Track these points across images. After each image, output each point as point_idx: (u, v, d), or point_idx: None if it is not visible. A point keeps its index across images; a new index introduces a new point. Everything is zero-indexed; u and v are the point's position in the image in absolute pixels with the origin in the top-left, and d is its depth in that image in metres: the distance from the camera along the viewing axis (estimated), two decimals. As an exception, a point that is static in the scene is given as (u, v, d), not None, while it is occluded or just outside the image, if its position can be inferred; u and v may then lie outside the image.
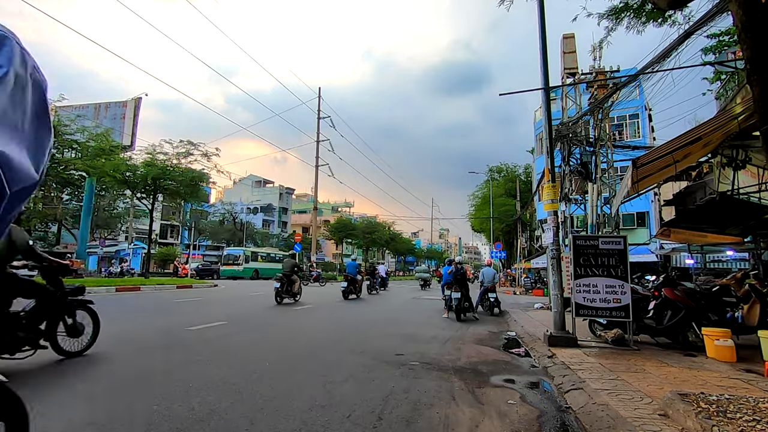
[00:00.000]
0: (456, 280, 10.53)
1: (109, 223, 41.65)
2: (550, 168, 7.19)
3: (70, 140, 20.92)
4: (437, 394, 3.87)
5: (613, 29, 7.09)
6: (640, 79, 11.29)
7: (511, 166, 49.81)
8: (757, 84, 3.43)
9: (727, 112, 6.29)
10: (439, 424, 3.12)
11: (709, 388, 4.03)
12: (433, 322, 9.63)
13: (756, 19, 3.42)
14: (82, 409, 3.11)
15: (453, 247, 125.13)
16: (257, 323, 8.38)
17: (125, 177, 22.98)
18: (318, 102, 30.66)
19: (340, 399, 3.58)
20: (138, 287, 16.52)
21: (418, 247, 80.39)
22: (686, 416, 3.00)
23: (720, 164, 7.93)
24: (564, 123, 13.47)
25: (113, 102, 29.79)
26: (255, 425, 2.93)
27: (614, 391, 3.92)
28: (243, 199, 63.04)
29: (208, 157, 24.15)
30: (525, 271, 31.12)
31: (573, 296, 6.50)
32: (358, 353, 5.66)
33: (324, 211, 70.23)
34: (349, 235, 52.68)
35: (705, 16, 6.62)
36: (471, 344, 6.93)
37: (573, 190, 14.25)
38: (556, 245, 6.91)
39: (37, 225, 35.98)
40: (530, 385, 4.47)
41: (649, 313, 6.70)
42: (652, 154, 6.00)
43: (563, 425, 3.27)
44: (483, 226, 48.44)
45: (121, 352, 5.08)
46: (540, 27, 7.34)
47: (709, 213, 7.76)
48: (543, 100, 7.54)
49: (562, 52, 15.48)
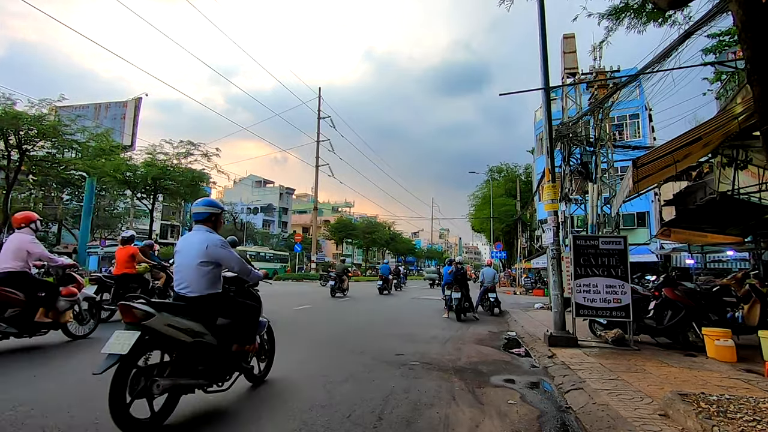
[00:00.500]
0: (456, 280, 10.53)
1: (109, 223, 41.65)
2: (550, 168, 7.19)
3: (71, 140, 20.85)
4: (437, 394, 3.87)
5: (613, 29, 7.08)
6: (640, 79, 11.29)
7: (512, 166, 49.86)
8: (757, 84, 3.42)
9: (727, 112, 6.28)
10: (440, 424, 3.12)
11: (710, 388, 4.03)
12: (434, 322, 9.64)
13: (756, 18, 3.42)
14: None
15: (453, 247, 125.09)
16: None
17: (125, 177, 22.97)
18: (318, 102, 30.72)
19: (340, 399, 3.58)
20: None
21: (418, 247, 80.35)
22: (686, 416, 3.00)
23: (720, 164, 7.93)
24: (564, 123, 13.46)
25: (113, 102, 29.79)
26: (255, 425, 2.93)
27: (614, 391, 3.91)
28: (243, 199, 63.04)
29: (209, 157, 24.15)
30: (525, 271, 31.13)
31: (573, 296, 6.50)
32: (357, 353, 5.67)
33: (324, 211, 70.23)
34: (350, 235, 52.67)
35: (705, 16, 6.61)
36: (471, 344, 6.93)
37: (573, 190, 14.24)
38: (557, 245, 6.90)
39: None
40: (530, 385, 4.47)
41: (650, 313, 6.70)
42: (653, 154, 5.99)
43: (563, 425, 3.27)
44: (483, 226, 48.45)
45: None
46: (540, 27, 7.34)
47: (709, 213, 7.75)
48: (543, 100, 7.54)
49: (563, 52, 15.47)
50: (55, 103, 21.07)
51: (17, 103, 19.02)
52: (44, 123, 19.09)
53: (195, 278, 3.17)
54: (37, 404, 3.10)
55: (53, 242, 38.95)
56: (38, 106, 19.69)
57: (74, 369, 4.30)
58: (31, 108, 19.41)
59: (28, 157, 20.10)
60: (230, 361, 3.35)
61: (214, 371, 3.15)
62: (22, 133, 18.69)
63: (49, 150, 21.43)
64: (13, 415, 2.89)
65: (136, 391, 2.63)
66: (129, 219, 40.88)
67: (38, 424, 2.75)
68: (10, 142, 18.89)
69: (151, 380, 2.70)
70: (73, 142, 21.02)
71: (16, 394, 3.31)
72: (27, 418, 2.85)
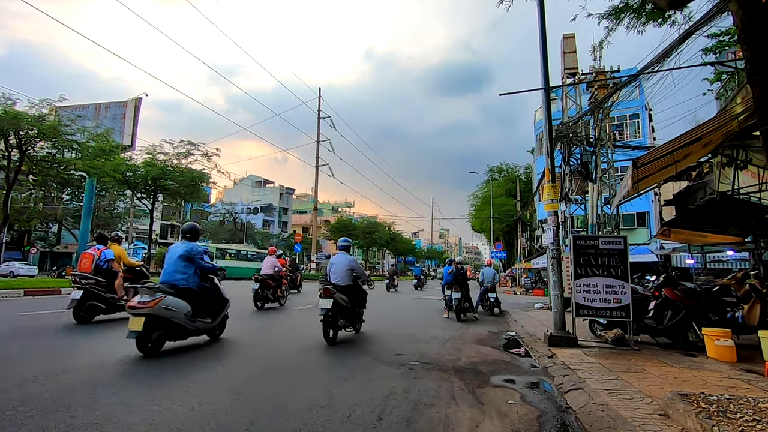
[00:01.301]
0: (456, 280, 10.53)
1: (109, 223, 41.62)
2: (550, 168, 7.19)
3: (70, 140, 20.86)
4: (437, 394, 3.87)
5: (613, 29, 7.08)
6: (640, 79, 11.29)
7: (512, 166, 49.91)
8: (757, 84, 3.42)
9: (727, 112, 6.28)
10: (439, 424, 3.12)
11: (710, 388, 4.03)
12: (433, 322, 9.63)
13: (756, 18, 3.42)
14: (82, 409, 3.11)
15: (453, 247, 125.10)
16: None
17: (125, 177, 22.98)
18: (318, 102, 30.71)
19: (340, 399, 3.58)
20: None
21: (418, 247, 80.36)
22: (686, 416, 3.00)
23: (720, 164, 7.92)
24: (564, 123, 13.45)
25: (113, 102, 29.77)
26: (255, 425, 2.93)
27: (614, 391, 3.91)
28: (243, 199, 63.04)
29: (209, 157, 24.18)
30: (525, 271, 31.13)
31: (573, 296, 6.50)
32: (357, 353, 5.67)
33: (324, 211, 70.22)
34: (350, 235, 52.48)
35: (705, 16, 6.61)
36: (471, 344, 6.92)
37: (573, 190, 14.23)
38: (557, 245, 6.90)
39: (37, 225, 36.02)
40: (530, 385, 4.47)
41: (650, 313, 6.70)
42: (653, 154, 5.99)
43: (563, 425, 3.27)
44: (483, 226, 48.46)
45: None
46: (540, 27, 7.34)
47: (709, 213, 7.75)
48: (543, 100, 7.54)
49: (562, 52, 15.46)
50: (55, 104, 21.07)
51: (17, 103, 19.03)
52: (44, 123, 19.08)
53: (344, 277, 6.59)
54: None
55: (53, 242, 38.97)
56: (38, 106, 19.69)
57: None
58: (31, 108, 19.41)
59: (28, 157, 20.09)
60: (356, 316, 6.97)
61: (352, 321, 6.83)
62: (22, 134, 18.69)
63: (49, 150, 21.43)
64: (13, 415, 2.89)
65: (332, 325, 6.20)
66: (129, 219, 40.89)
67: (38, 424, 2.75)
68: (10, 142, 18.88)
69: (336, 320, 6.25)
70: (73, 142, 21.01)
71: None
72: (27, 418, 2.85)
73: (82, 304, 7.11)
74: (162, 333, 4.99)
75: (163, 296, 4.99)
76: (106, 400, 3.28)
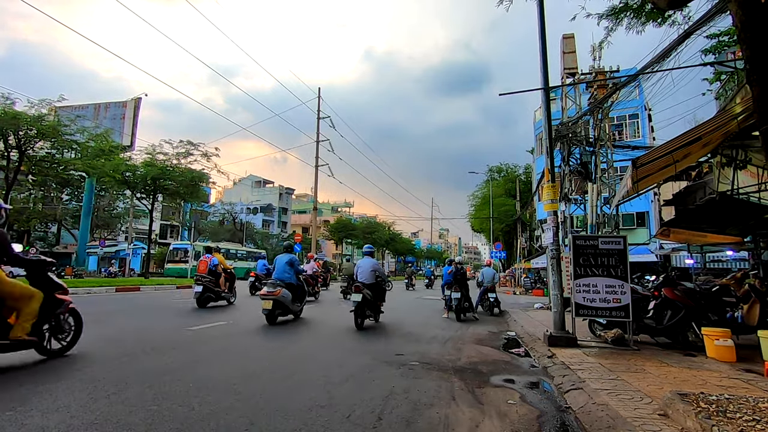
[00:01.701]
0: (456, 280, 10.53)
1: (108, 223, 41.65)
2: (550, 168, 7.19)
3: (70, 140, 20.87)
4: (437, 394, 3.87)
5: (612, 29, 7.09)
6: (640, 79, 11.30)
7: (511, 166, 49.92)
8: (757, 84, 3.43)
9: (726, 112, 6.28)
10: (439, 424, 3.12)
11: (709, 388, 4.03)
12: (433, 322, 9.64)
13: (756, 19, 3.42)
14: (82, 410, 3.11)
15: (453, 247, 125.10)
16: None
17: (125, 177, 22.97)
18: (318, 102, 30.63)
19: (340, 399, 3.58)
20: (137, 287, 16.55)
21: (417, 247, 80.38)
22: (686, 416, 3.00)
23: (720, 164, 7.92)
24: (564, 123, 13.46)
25: (113, 102, 29.79)
26: (255, 425, 2.93)
27: (614, 391, 3.92)
28: (243, 199, 63.00)
29: (208, 157, 24.16)
30: (525, 271, 31.13)
31: (573, 296, 6.50)
32: (358, 353, 5.67)
33: (324, 211, 70.22)
34: (349, 235, 52.70)
35: (705, 16, 6.62)
36: (471, 344, 6.93)
37: (573, 190, 14.25)
38: (556, 245, 6.91)
39: (36, 225, 35.98)
40: (530, 385, 4.47)
41: (649, 313, 6.70)
42: (652, 154, 5.99)
43: (563, 425, 3.27)
44: (483, 226, 48.48)
45: (118, 351, 5.08)
46: (540, 27, 7.34)
47: (709, 213, 7.75)
48: (543, 100, 7.54)
49: (562, 52, 15.47)
50: (55, 104, 21.09)
51: (17, 103, 19.05)
52: (44, 123, 19.10)
53: (369, 277, 8.26)
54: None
55: (53, 242, 38.95)
56: (38, 106, 19.70)
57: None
58: (31, 108, 19.42)
59: (27, 157, 20.10)
60: (377, 308, 8.52)
61: (375, 311, 8.48)
62: (21, 134, 18.69)
63: (49, 150, 21.44)
64: (13, 415, 2.89)
65: (361, 315, 7.82)
66: (128, 219, 40.85)
67: (38, 424, 2.75)
68: (10, 142, 18.89)
69: (364, 311, 7.88)
70: (72, 142, 21.03)
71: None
72: (27, 418, 2.85)
73: (202, 295, 10.31)
74: (280, 311, 7.98)
75: (282, 288, 8.01)
76: (106, 399, 3.28)
